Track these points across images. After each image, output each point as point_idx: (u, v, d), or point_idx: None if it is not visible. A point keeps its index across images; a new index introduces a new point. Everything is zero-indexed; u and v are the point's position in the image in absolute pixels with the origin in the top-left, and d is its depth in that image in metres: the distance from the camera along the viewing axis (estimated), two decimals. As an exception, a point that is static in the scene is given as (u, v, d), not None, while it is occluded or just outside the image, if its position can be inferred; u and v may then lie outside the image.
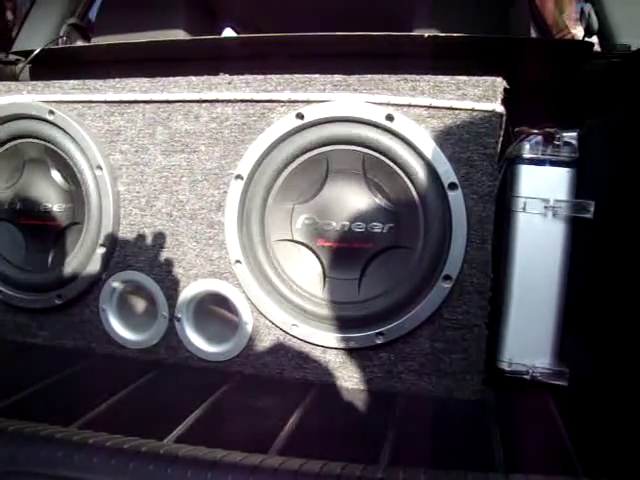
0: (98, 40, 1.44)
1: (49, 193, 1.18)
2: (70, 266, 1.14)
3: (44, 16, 1.53)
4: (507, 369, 1.01)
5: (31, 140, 1.15)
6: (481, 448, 0.86)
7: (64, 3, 1.55)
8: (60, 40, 1.44)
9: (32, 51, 1.34)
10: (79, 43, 1.48)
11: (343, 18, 1.48)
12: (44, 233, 1.19)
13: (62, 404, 0.97)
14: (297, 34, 1.10)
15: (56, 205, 1.17)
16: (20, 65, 1.38)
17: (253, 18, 1.70)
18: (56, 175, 1.17)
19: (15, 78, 1.39)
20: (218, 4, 1.64)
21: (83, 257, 1.13)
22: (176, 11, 1.45)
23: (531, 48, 1.19)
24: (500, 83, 0.96)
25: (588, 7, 1.17)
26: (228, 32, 1.98)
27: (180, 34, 1.43)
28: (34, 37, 1.49)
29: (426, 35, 1.13)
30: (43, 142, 1.14)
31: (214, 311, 1.11)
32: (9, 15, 2.73)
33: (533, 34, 1.80)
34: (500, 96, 0.96)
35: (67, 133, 1.12)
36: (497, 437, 0.88)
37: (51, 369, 1.08)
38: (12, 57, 1.42)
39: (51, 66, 1.37)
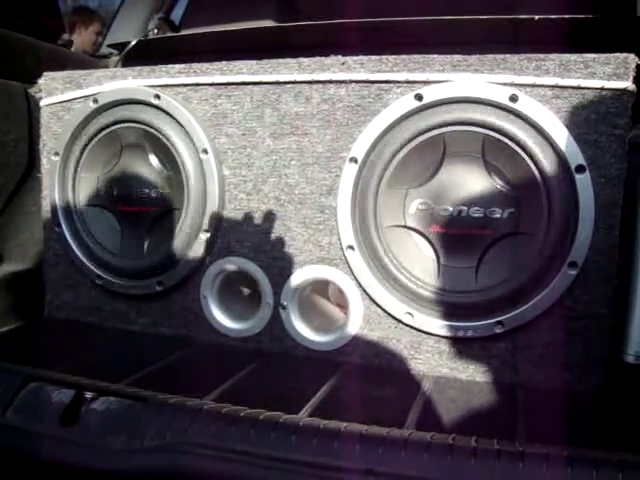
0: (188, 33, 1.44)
1: (146, 179, 1.16)
2: (172, 252, 1.12)
3: (133, 12, 1.54)
4: (633, 362, 0.96)
5: (135, 125, 1.14)
6: (613, 441, 0.81)
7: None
8: (151, 33, 1.44)
9: (126, 44, 1.35)
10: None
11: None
12: (141, 219, 1.17)
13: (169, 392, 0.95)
14: (410, 18, 1.08)
15: (153, 191, 1.16)
16: (114, 58, 1.39)
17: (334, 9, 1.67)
18: (154, 160, 1.16)
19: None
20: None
21: (185, 243, 1.11)
22: (264, 2, 1.45)
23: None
24: (633, 60, 0.91)
25: None
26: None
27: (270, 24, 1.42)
28: (124, 33, 1.50)
29: (536, 18, 1.11)
30: (146, 127, 1.13)
31: (321, 298, 1.09)
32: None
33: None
34: (632, 73, 0.92)
35: (173, 117, 1.11)
36: (627, 432, 0.83)
37: (152, 357, 1.06)
38: (105, 51, 1.42)
39: (143, 59, 1.37)
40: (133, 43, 1.31)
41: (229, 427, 0.61)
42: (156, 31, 1.43)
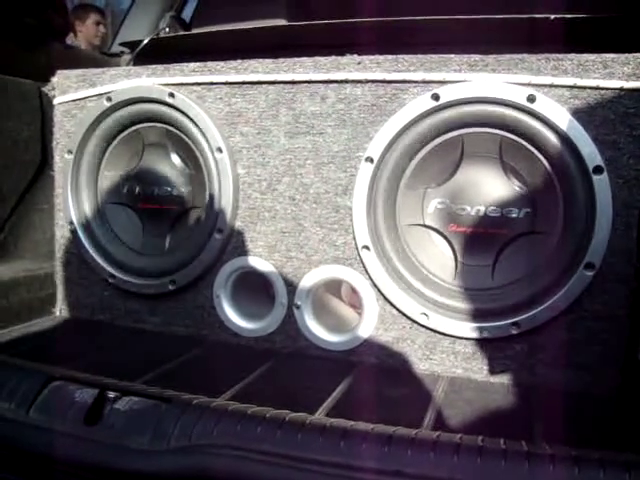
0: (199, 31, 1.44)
1: (168, 177, 1.16)
2: (186, 251, 1.12)
3: (144, 11, 1.54)
4: (650, 364, 0.96)
5: (151, 124, 1.14)
6: (632, 443, 0.81)
7: (162, -1, 1.56)
8: (163, 32, 1.44)
9: (138, 42, 1.34)
10: (181, 35, 1.48)
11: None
12: (162, 217, 1.17)
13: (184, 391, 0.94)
14: (426, 18, 1.08)
15: (175, 189, 1.16)
16: (126, 57, 1.38)
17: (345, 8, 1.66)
18: (175, 158, 1.16)
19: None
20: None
21: (199, 242, 1.11)
22: (274, 1, 1.44)
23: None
24: (653, 60, 0.91)
25: None
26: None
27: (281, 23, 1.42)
28: (135, 31, 1.49)
29: (552, 17, 1.10)
30: (163, 125, 1.13)
31: (334, 298, 1.08)
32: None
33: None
34: (652, 74, 0.91)
35: (187, 115, 1.10)
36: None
37: (165, 356, 1.06)
38: (117, 49, 1.42)
39: (156, 57, 1.37)
40: (146, 41, 1.30)
41: (255, 428, 0.60)
42: (167, 30, 1.43)
